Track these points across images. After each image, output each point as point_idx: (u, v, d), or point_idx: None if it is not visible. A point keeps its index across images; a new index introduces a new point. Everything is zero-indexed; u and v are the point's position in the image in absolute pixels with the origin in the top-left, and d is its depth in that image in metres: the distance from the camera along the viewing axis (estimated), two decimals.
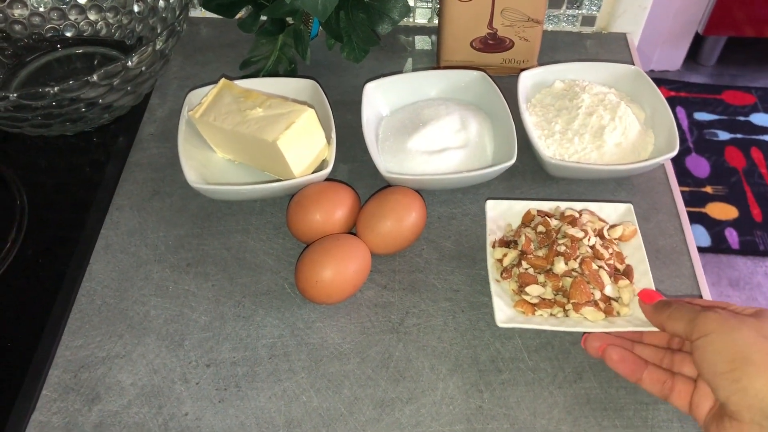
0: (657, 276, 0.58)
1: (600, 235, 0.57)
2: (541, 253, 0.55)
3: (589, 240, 0.55)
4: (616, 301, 0.54)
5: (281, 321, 0.57)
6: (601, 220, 0.59)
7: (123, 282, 0.60)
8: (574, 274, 0.54)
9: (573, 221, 0.56)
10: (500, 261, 0.57)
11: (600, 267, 0.54)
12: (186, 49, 0.81)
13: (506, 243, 0.58)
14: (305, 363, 0.55)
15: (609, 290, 0.54)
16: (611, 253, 0.56)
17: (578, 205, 0.60)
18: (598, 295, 0.53)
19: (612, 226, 0.58)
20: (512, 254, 0.56)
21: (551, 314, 0.54)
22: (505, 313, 0.53)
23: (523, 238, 0.55)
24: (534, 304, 0.54)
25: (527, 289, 0.54)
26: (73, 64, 0.77)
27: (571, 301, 0.53)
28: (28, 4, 0.75)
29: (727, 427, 0.40)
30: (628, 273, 0.56)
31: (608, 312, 0.53)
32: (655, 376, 0.48)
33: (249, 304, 0.58)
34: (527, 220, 0.59)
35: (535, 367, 0.55)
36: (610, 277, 0.54)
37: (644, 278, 0.55)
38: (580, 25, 0.83)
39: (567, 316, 0.54)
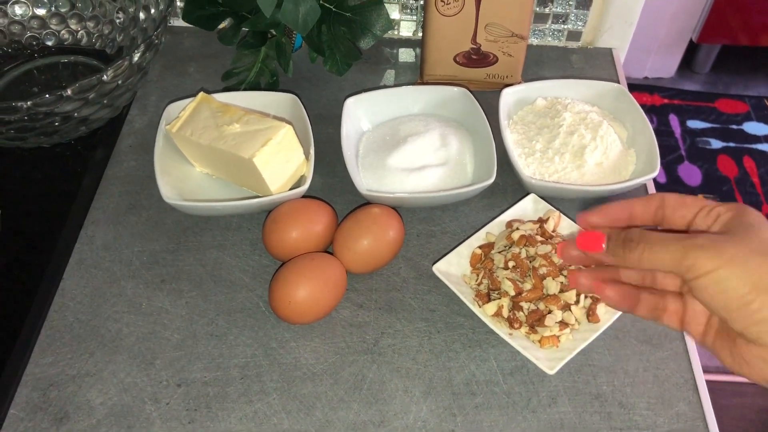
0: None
1: (543, 235, 0.58)
2: (528, 285, 0.54)
3: (546, 247, 0.55)
4: None
5: (255, 340, 0.57)
6: (525, 222, 0.60)
7: (96, 298, 0.59)
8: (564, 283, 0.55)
9: (529, 240, 0.56)
10: (497, 315, 0.55)
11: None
12: (168, 59, 0.80)
13: (488, 295, 0.56)
14: (277, 384, 0.54)
15: None
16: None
17: (498, 220, 0.61)
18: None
19: (541, 222, 0.59)
20: (506, 302, 0.54)
21: (572, 330, 0.54)
22: (546, 360, 0.52)
23: (507, 282, 0.54)
24: (557, 336, 0.54)
25: (546, 323, 0.53)
26: (54, 73, 0.76)
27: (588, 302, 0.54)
28: (8, 13, 0.74)
29: (745, 351, 0.38)
30: None
31: None
32: (648, 303, 0.43)
33: (222, 323, 0.58)
34: (475, 261, 0.59)
35: (509, 391, 0.54)
36: None
37: None
38: (566, 40, 0.83)
39: (579, 323, 0.54)
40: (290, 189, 0.62)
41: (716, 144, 1.93)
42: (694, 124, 1.99)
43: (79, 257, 0.62)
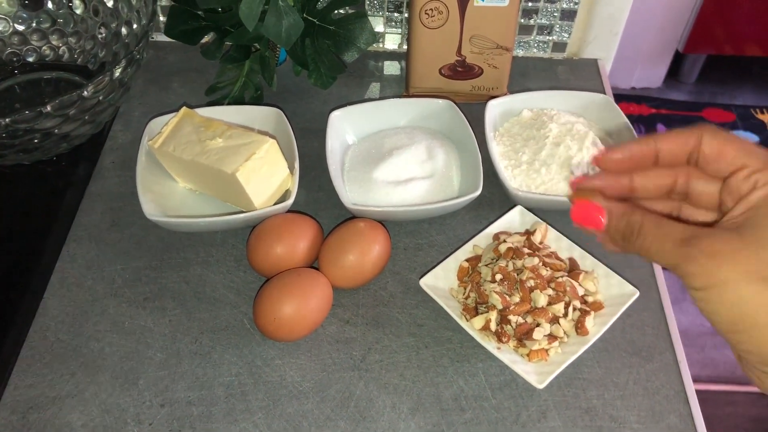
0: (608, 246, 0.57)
1: (530, 247, 0.57)
2: (516, 298, 0.54)
3: (533, 259, 0.55)
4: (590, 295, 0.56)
5: (239, 358, 0.56)
6: (512, 234, 0.59)
7: (78, 317, 0.58)
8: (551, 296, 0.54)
9: (516, 252, 0.55)
10: (485, 328, 0.54)
11: (560, 276, 0.55)
12: (151, 74, 0.79)
13: (475, 309, 0.55)
14: (263, 402, 0.53)
15: (581, 291, 0.55)
16: (553, 258, 0.57)
17: (485, 233, 0.61)
18: (577, 303, 0.54)
19: (527, 234, 0.59)
20: (493, 315, 0.53)
21: (561, 343, 0.54)
22: (535, 374, 0.51)
23: (495, 296, 0.53)
24: (546, 349, 0.53)
25: (534, 336, 0.52)
26: (37, 90, 0.75)
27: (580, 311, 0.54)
28: None
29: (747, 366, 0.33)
30: (573, 265, 0.58)
31: (595, 307, 0.55)
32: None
33: (207, 341, 0.57)
34: (462, 275, 0.58)
35: (498, 406, 0.53)
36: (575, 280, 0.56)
37: (585, 259, 0.58)
38: (551, 51, 0.83)
39: (568, 336, 0.54)
40: (275, 204, 0.62)
41: None
42: None
43: (61, 275, 0.61)
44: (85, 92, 0.58)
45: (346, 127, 0.69)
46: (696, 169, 0.36)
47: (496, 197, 0.67)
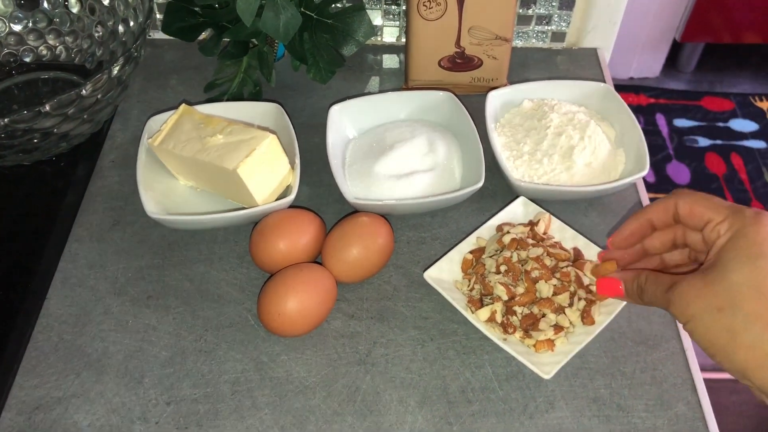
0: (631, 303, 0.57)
1: (534, 238, 0.57)
2: (521, 289, 0.53)
3: (537, 250, 0.55)
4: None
5: (245, 355, 0.56)
6: (515, 225, 0.59)
7: (81, 317, 0.58)
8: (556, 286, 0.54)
9: (520, 243, 0.55)
10: (490, 320, 0.54)
11: (565, 266, 0.55)
12: (149, 72, 0.79)
13: (480, 300, 0.55)
14: (269, 398, 0.53)
15: (586, 281, 0.55)
16: (557, 248, 0.56)
17: (488, 224, 0.60)
18: (583, 293, 0.54)
19: (531, 225, 0.58)
20: (498, 307, 0.53)
21: (567, 333, 0.53)
22: (542, 364, 0.51)
23: (499, 287, 0.53)
24: (552, 340, 0.53)
25: (540, 326, 0.52)
26: (34, 90, 0.75)
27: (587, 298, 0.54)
28: None
29: None
30: (578, 255, 0.58)
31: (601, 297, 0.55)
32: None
33: (211, 338, 0.57)
34: (466, 267, 0.58)
35: (505, 397, 0.53)
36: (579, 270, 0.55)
37: (589, 248, 0.58)
38: (550, 41, 0.82)
39: (574, 326, 0.54)
40: (276, 199, 0.61)
41: (704, 142, 1.93)
42: (681, 122, 1.99)
43: (63, 276, 0.60)
44: (84, 91, 0.58)
45: (347, 122, 0.68)
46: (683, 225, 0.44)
47: (498, 189, 0.67)
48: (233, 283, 0.60)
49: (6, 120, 0.54)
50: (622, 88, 2.07)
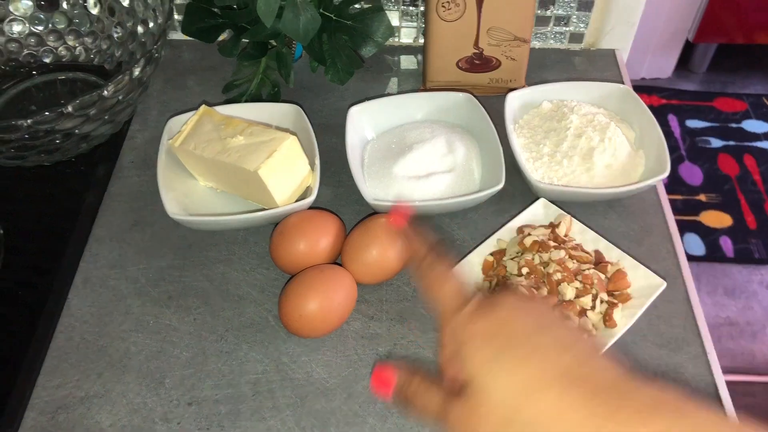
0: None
1: (556, 240, 0.57)
2: (544, 292, 0.53)
3: (559, 252, 0.55)
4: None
5: (265, 356, 0.56)
6: (536, 227, 0.59)
7: (102, 317, 0.58)
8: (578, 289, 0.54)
9: (542, 246, 0.55)
10: None
11: (587, 269, 0.55)
12: (167, 73, 0.79)
13: None
14: (290, 400, 0.53)
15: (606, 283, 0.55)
16: (579, 251, 0.57)
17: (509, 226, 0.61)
18: (605, 295, 0.54)
19: (552, 227, 0.58)
20: None
21: (589, 335, 0.53)
22: None
23: (522, 289, 0.53)
24: None
25: None
26: (53, 91, 0.75)
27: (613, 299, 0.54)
28: (5, 31, 0.73)
29: None
30: (599, 257, 0.58)
31: (622, 299, 0.55)
32: None
33: (232, 339, 0.57)
34: (487, 269, 0.58)
35: None
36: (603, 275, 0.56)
37: (610, 251, 0.58)
38: (568, 42, 0.82)
39: (596, 329, 0.54)
40: (296, 201, 0.61)
41: (716, 143, 1.92)
42: (694, 123, 1.98)
43: (84, 276, 0.61)
44: (105, 92, 0.58)
45: (365, 123, 0.68)
46: None
47: (517, 190, 0.66)
48: (253, 283, 0.60)
49: (29, 121, 0.55)
50: (634, 88, 2.06)
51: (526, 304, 0.36)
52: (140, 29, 0.72)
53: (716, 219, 1.74)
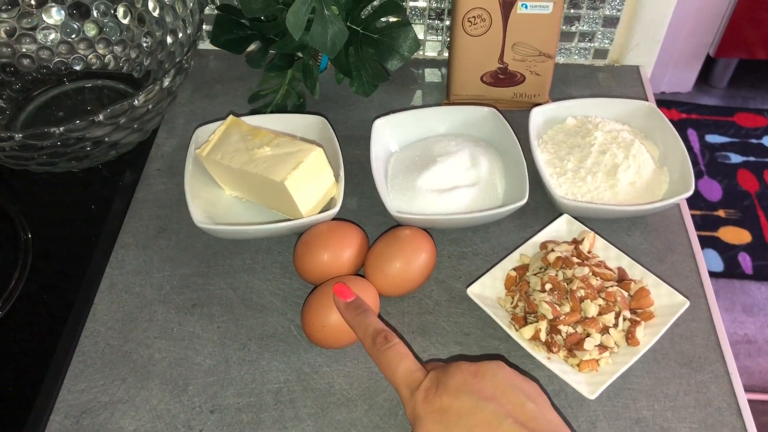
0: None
1: (579, 256, 0.57)
2: (566, 308, 0.53)
3: (583, 269, 0.55)
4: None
5: (287, 365, 0.56)
6: (559, 243, 0.59)
7: (127, 323, 0.59)
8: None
9: (565, 262, 0.55)
10: (534, 338, 0.54)
11: (610, 286, 0.55)
12: (194, 82, 0.80)
13: (524, 318, 0.55)
14: (311, 410, 0.54)
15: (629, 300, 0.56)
16: (603, 268, 0.57)
17: (532, 241, 0.61)
18: (627, 313, 0.55)
19: (576, 243, 0.58)
20: (543, 325, 0.53)
21: (611, 353, 0.53)
22: (585, 384, 0.51)
23: (545, 305, 0.53)
24: (597, 360, 0.53)
25: (585, 346, 0.52)
26: (82, 98, 0.76)
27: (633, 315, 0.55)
28: (37, 39, 0.75)
29: None
30: (622, 275, 0.57)
31: (645, 317, 0.55)
32: None
33: (255, 347, 0.57)
34: (510, 284, 0.58)
35: None
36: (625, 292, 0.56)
37: (633, 269, 0.58)
38: (593, 58, 0.82)
39: (619, 346, 0.54)
40: (321, 212, 0.62)
41: (736, 158, 1.91)
42: (713, 138, 1.97)
43: (110, 282, 0.62)
44: (136, 101, 0.59)
45: (389, 135, 0.69)
46: None
47: (540, 205, 0.67)
48: (276, 293, 0.61)
49: (62, 128, 0.56)
50: None
51: (473, 379, 0.42)
52: (169, 39, 0.73)
53: (735, 235, 1.73)
